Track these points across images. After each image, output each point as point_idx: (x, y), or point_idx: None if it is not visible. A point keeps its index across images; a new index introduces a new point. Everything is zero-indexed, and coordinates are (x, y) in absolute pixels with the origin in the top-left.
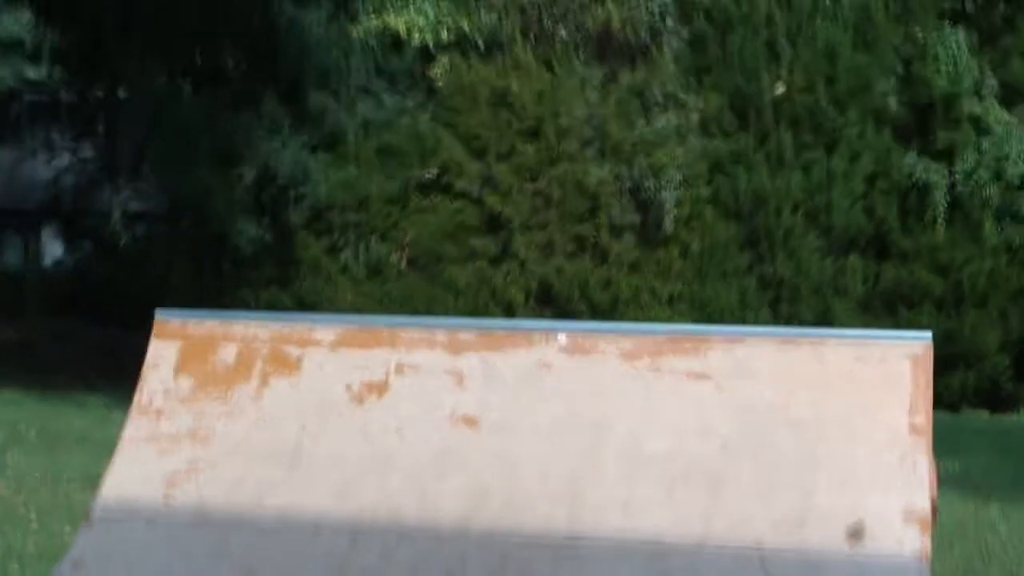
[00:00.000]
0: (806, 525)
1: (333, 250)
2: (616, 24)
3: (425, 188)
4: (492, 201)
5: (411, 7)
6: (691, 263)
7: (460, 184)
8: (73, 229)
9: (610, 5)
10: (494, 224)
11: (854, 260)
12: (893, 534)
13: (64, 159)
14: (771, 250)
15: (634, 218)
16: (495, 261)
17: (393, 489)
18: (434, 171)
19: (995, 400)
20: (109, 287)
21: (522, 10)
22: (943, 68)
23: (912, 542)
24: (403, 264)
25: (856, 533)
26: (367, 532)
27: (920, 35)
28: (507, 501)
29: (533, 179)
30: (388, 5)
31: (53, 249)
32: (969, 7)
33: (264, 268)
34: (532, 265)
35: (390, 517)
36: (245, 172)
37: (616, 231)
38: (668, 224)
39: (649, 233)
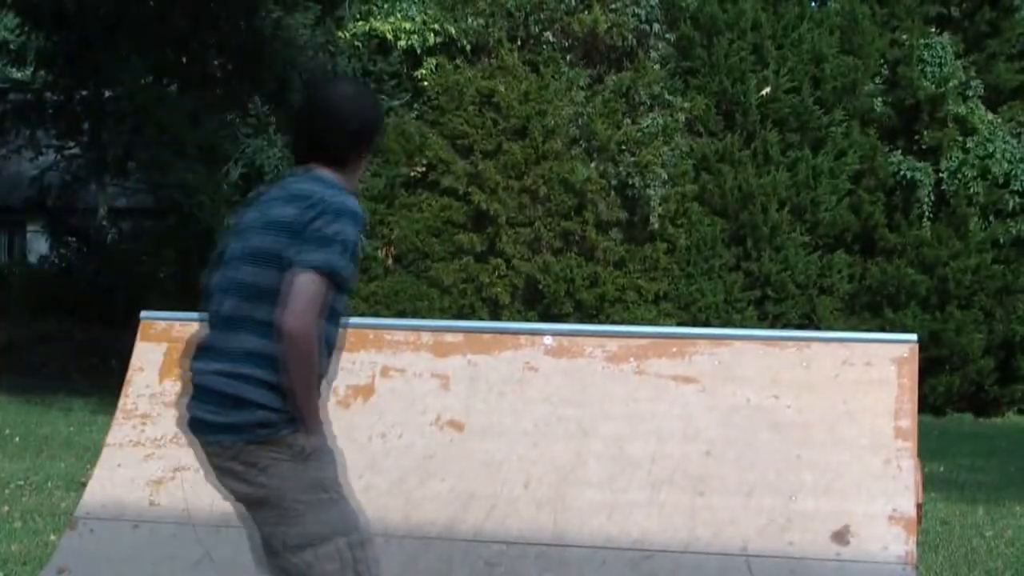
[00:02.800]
0: (791, 529)
1: None
2: (602, 28)
3: (411, 185)
4: (478, 198)
5: (397, 12)
6: (677, 260)
7: (446, 181)
8: (59, 227)
9: (596, 10)
10: (480, 221)
11: (840, 256)
12: (878, 537)
13: (50, 157)
14: (757, 247)
15: (620, 215)
16: (481, 258)
17: (379, 493)
18: (420, 169)
19: (979, 403)
20: (94, 285)
21: (508, 15)
22: (928, 71)
23: (897, 545)
24: (389, 261)
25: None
26: None
27: (906, 40)
28: (492, 505)
29: (519, 177)
30: (375, 9)
31: (38, 247)
32: (955, 13)
33: None
34: (518, 262)
35: (376, 521)
36: (231, 169)
37: (602, 228)
38: (654, 221)
39: (635, 230)
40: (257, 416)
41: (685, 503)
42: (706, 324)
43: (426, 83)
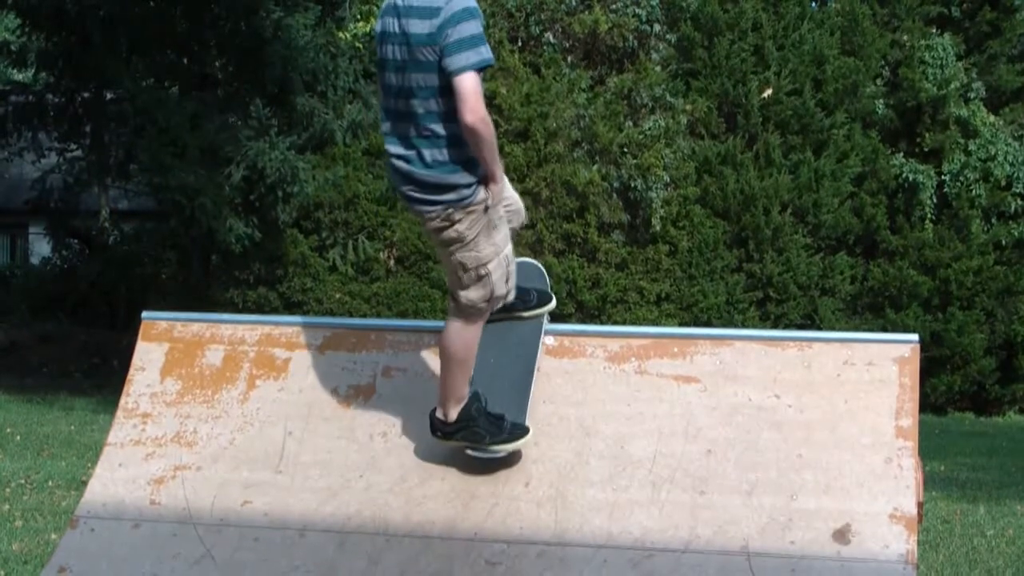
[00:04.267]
0: (793, 528)
1: (321, 249)
2: (603, 29)
3: None
4: None
5: None
6: (679, 262)
7: None
8: (60, 229)
9: (597, 11)
10: None
11: (842, 258)
12: (879, 536)
13: (51, 159)
14: (759, 249)
15: (622, 217)
16: None
17: (380, 491)
18: None
19: (981, 402)
20: (96, 286)
21: (509, 15)
22: (930, 72)
23: (898, 544)
24: (391, 263)
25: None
26: (354, 535)
27: (907, 41)
28: (493, 503)
29: (521, 179)
30: (376, 10)
31: (40, 248)
32: (956, 13)
33: (252, 267)
34: None
35: (377, 520)
36: (233, 171)
37: (604, 230)
38: (656, 223)
39: (637, 232)
40: (453, 195)
41: (686, 502)
42: (708, 325)
43: None
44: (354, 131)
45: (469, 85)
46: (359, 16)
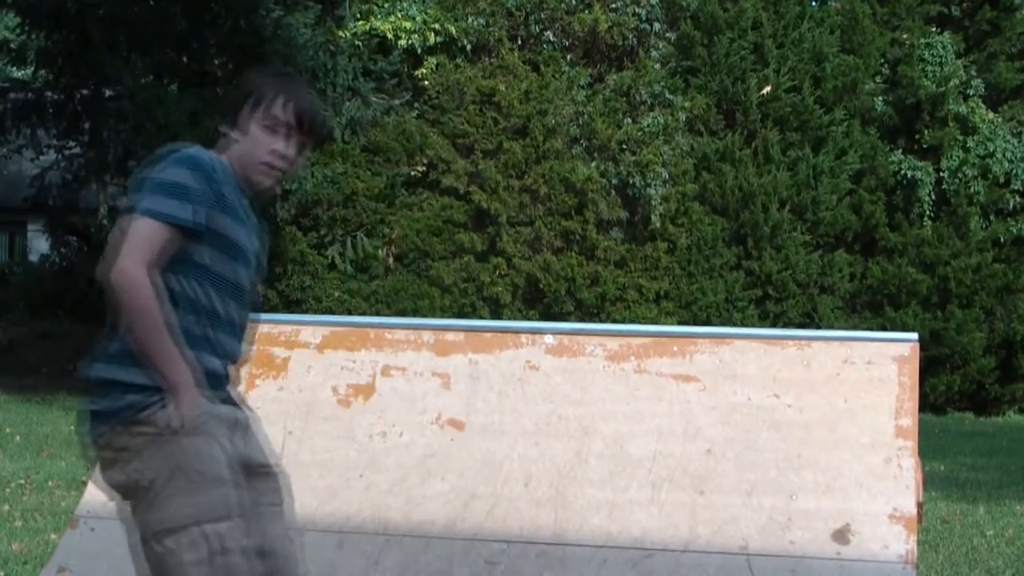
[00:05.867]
0: (792, 527)
1: (320, 246)
2: (603, 28)
3: (412, 185)
4: (479, 198)
5: (398, 11)
6: (678, 259)
7: (447, 181)
8: (59, 226)
9: (597, 9)
10: (481, 221)
11: (841, 256)
12: (879, 536)
13: (50, 156)
14: (758, 246)
15: (621, 214)
16: (482, 257)
17: (379, 492)
18: (421, 168)
19: (980, 402)
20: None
21: (509, 14)
22: (929, 70)
23: (898, 544)
24: (390, 260)
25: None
26: (354, 535)
27: (907, 40)
28: (493, 503)
29: (520, 176)
30: (375, 9)
31: (39, 246)
32: (955, 12)
33: None
34: (519, 261)
35: (376, 520)
36: None
37: (603, 227)
38: (655, 220)
39: (636, 229)
40: (118, 400)
41: (686, 502)
42: (707, 323)
43: (427, 82)
44: (352, 128)
45: (139, 230)
46: (359, 15)
